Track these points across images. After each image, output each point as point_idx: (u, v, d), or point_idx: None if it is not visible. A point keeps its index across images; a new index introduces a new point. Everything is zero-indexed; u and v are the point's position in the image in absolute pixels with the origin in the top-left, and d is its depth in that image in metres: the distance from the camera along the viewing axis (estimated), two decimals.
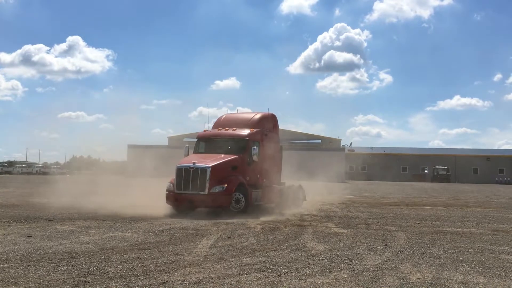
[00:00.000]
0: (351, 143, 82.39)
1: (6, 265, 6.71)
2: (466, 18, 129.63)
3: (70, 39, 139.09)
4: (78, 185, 23.28)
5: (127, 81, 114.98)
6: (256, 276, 6.32)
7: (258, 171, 15.35)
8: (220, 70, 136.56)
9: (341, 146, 74.41)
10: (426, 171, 76.33)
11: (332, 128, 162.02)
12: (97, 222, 11.81)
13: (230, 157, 14.63)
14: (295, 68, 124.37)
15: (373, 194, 29.00)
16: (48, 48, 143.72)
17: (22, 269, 6.47)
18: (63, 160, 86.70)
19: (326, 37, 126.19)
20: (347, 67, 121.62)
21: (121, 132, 53.71)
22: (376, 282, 6.14)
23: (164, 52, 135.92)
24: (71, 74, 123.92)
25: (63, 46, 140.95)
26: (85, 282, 5.87)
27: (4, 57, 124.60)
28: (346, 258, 7.63)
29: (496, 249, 8.90)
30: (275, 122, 17.43)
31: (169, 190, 14.30)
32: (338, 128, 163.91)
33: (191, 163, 14.12)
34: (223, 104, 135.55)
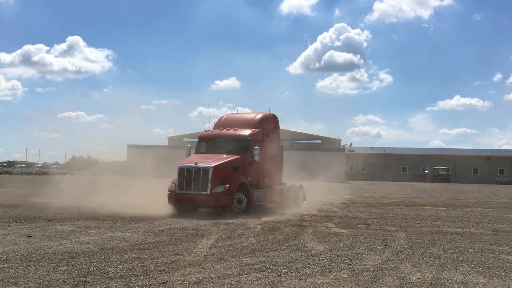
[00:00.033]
0: (351, 143, 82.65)
1: (6, 265, 6.71)
2: (466, 18, 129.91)
3: (70, 39, 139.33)
4: (78, 185, 23.25)
5: (127, 81, 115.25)
6: (256, 276, 6.32)
7: (259, 171, 15.36)
8: (220, 70, 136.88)
9: (341, 146, 74.48)
10: (426, 171, 76.38)
11: (332, 128, 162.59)
12: (97, 222, 11.81)
13: (232, 157, 14.63)
14: (295, 68, 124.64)
15: (373, 194, 28.98)
16: (48, 48, 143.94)
17: (22, 269, 6.47)
18: (63, 160, 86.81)
19: (326, 37, 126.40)
20: (347, 67, 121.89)
21: (121, 132, 53.65)
22: (376, 282, 6.14)
23: (164, 52, 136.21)
24: (71, 74, 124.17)
25: (63, 46, 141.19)
26: (85, 282, 5.87)
27: (4, 57, 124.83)
28: (346, 258, 7.63)
29: (496, 249, 8.90)
30: (276, 122, 17.44)
31: (171, 190, 14.30)
32: (338, 128, 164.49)
33: (193, 163, 14.12)
34: (223, 104, 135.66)
